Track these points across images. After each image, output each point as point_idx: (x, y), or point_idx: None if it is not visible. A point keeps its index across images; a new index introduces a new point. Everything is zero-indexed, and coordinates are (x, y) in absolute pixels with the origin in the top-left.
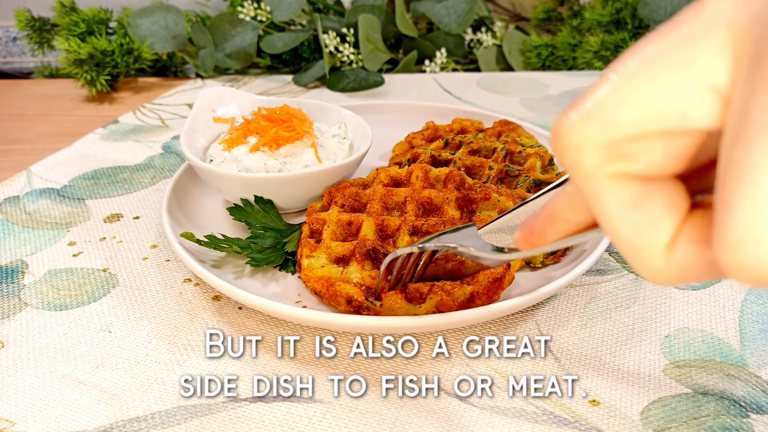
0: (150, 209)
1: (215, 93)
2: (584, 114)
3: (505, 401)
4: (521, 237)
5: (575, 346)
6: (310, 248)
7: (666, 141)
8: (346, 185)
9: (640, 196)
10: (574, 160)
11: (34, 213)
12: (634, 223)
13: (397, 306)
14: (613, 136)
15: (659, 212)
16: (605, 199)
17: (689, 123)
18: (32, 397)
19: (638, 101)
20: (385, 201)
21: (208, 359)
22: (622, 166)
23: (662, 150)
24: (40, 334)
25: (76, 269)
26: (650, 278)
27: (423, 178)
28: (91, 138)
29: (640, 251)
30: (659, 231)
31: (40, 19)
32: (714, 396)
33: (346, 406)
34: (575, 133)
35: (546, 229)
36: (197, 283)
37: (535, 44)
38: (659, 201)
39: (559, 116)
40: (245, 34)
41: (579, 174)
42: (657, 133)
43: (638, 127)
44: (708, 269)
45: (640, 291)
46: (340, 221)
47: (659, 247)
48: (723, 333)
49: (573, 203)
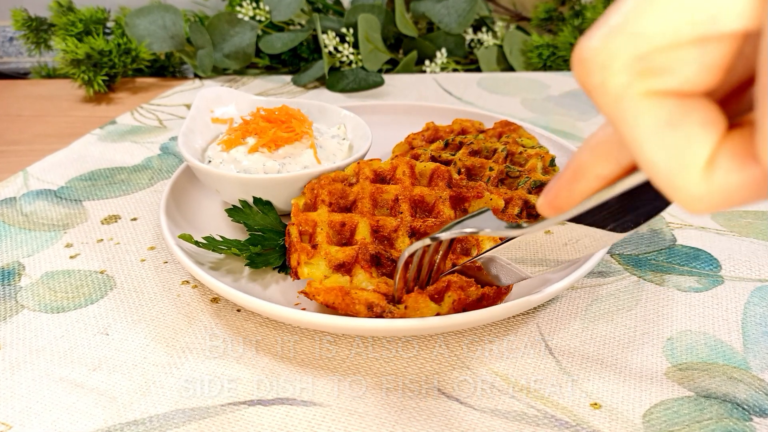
0: (148, 211)
1: (214, 93)
2: (609, 29)
3: (505, 404)
4: (546, 202)
5: (577, 348)
6: (308, 254)
7: (700, 50)
8: (329, 180)
9: (675, 114)
10: (600, 82)
11: (31, 214)
12: (670, 145)
13: (422, 306)
14: (642, 49)
15: (697, 129)
16: (638, 120)
17: (723, 26)
18: (29, 400)
19: (666, 7)
20: (375, 198)
21: (207, 361)
22: (655, 81)
23: (696, 60)
24: (36, 336)
25: (73, 271)
26: (691, 207)
27: (410, 173)
28: (88, 139)
29: (678, 175)
30: (698, 150)
31: (37, 18)
32: (717, 399)
33: (345, 408)
34: (601, 52)
35: (572, 188)
36: (195, 286)
37: (536, 44)
38: (696, 118)
39: (580, 40)
40: (244, 34)
41: (607, 97)
42: (689, 41)
43: (669, 37)
44: (751, 189)
45: (642, 293)
46: (333, 222)
47: (698, 168)
48: (726, 335)
49: (599, 153)
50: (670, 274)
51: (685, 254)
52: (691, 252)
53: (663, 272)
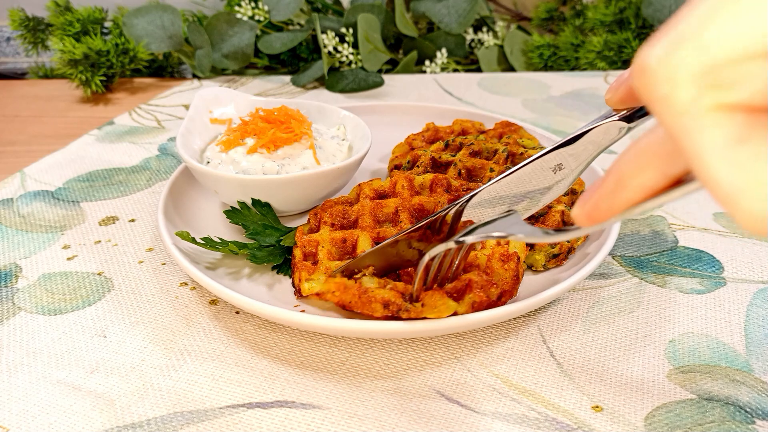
0: (146, 212)
1: (212, 94)
2: (676, 39)
3: (506, 407)
4: (584, 213)
5: (578, 351)
6: (308, 271)
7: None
8: (331, 204)
9: (744, 129)
10: (665, 94)
11: (28, 216)
12: (737, 162)
13: (439, 303)
14: (711, 62)
15: (766, 146)
16: (704, 134)
17: None
18: (26, 403)
19: (737, 17)
20: (376, 214)
21: (206, 364)
22: (724, 95)
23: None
24: (34, 338)
25: (70, 273)
26: (754, 227)
27: (408, 187)
28: (86, 139)
29: (743, 194)
30: (765, 168)
31: (35, 18)
32: (719, 402)
33: (345, 411)
34: (667, 63)
35: (613, 199)
36: (193, 287)
37: (537, 44)
38: (765, 134)
39: (643, 49)
40: (243, 34)
41: (671, 110)
42: (762, 53)
43: (740, 49)
44: None
45: (643, 295)
46: (334, 239)
47: (765, 187)
48: (728, 338)
49: (644, 164)
50: (672, 276)
51: (687, 256)
52: (693, 253)
53: (665, 274)
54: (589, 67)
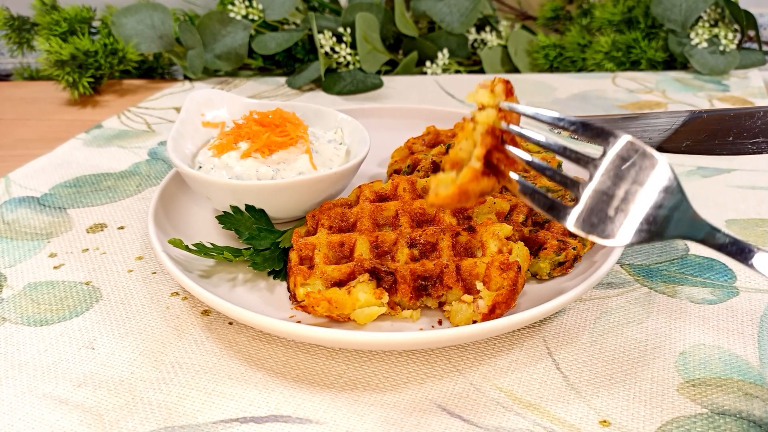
0: (135, 219)
1: (204, 96)
2: None
3: (510, 421)
4: None
5: (584, 363)
6: (304, 276)
7: None
8: (329, 206)
9: None
10: None
11: (13, 223)
12: None
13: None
14: None
15: None
16: None
17: None
18: (11, 418)
19: None
20: (375, 217)
21: (197, 377)
22: None
23: None
24: (19, 350)
25: (57, 282)
26: None
27: (410, 189)
28: (73, 144)
29: None
30: None
31: (20, 18)
32: (732, 416)
33: (342, 426)
34: None
35: None
36: (185, 297)
37: (542, 44)
38: None
39: None
40: (236, 34)
41: None
42: None
43: None
44: None
45: (653, 305)
46: (331, 243)
47: None
48: (741, 350)
49: None
50: (683, 286)
51: (698, 264)
52: (704, 262)
53: (675, 283)
54: (597, 68)
